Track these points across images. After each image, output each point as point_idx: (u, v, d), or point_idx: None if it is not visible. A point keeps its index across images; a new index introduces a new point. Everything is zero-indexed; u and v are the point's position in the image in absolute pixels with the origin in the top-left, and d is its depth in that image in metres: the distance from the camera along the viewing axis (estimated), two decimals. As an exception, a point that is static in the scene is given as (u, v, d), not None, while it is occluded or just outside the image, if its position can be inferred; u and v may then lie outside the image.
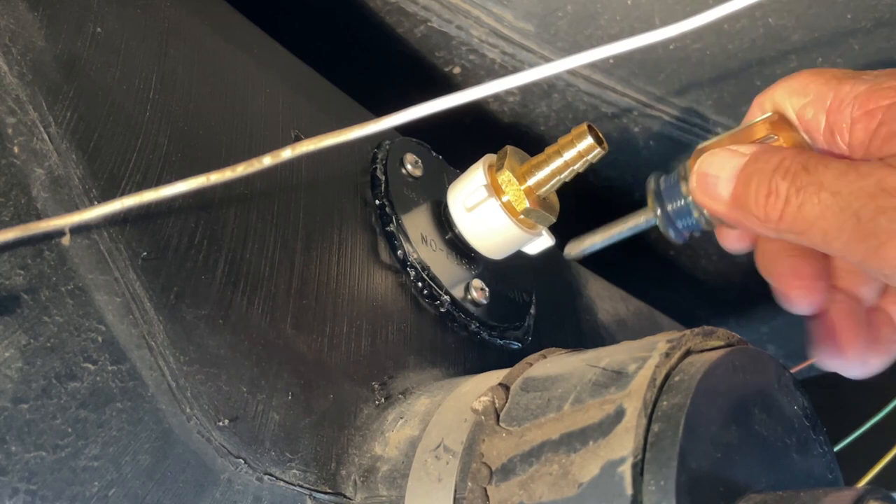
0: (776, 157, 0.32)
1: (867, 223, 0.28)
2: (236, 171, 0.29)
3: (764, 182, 0.31)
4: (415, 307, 0.43)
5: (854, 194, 0.28)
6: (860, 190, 0.28)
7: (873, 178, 0.28)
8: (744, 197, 0.32)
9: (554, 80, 0.58)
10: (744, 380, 0.30)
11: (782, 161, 0.31)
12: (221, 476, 0.32)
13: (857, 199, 0.28)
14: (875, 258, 0.28)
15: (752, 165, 0.32)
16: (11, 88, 0.31)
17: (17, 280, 0.28)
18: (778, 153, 0.32)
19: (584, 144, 0.40)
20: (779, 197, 0.31)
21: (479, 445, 0.32)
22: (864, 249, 0.28)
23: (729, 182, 0.33)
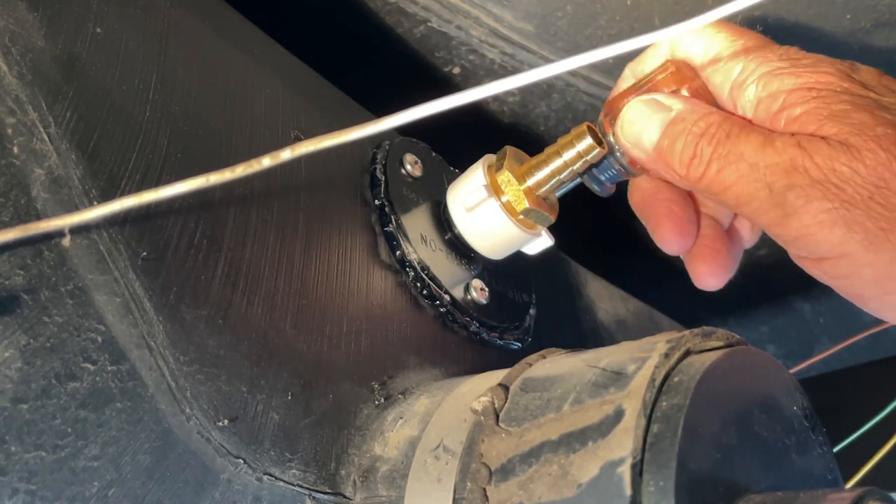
0: (704, 121, 0.34)
1: (777, 195, 0.31)
2: (236, 171, 0.29)
3: (690, 145, 0.34)
4: (414, 307, 0.43)
5: (769, 168, 0.31)
6: (775, 165, 0.31)
7: (787, 156, 0.31)
8: (669, 154, 0.35)
9: (554, 80, 0.58)
10: (743, 380, 0.30)
11: (709, 127, 0.33)
12: (221, 476, 0.32)
13: (772, 174, 0.31)
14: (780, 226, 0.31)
15: (680, 125, 0.34)
16: (11, 88, 0.31)
17: (17, 280, 0.28)
18: (705, 117, 0.34)
19: (584, 145, 0.40)
20: (702, 161, 0.33)
21: (478, 446, 0.32)
22: (772, 217, 0.31)
23: (654, 134, 0.35)
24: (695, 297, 0.82)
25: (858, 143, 0.30)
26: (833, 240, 0.30)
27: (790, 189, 0.31)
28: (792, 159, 0.31)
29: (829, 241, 0.30)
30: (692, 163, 0.34)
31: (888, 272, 0.30)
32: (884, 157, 0.30)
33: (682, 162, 0.34)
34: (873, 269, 0.30)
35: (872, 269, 0.30)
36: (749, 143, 0.32)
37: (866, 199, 0.30)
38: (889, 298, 0.31)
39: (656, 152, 0.35)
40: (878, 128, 0.30)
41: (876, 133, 0.30)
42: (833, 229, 0.30)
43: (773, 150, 0.31)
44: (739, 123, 0.33)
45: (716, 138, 0.33)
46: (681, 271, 0.41)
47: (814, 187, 0.30)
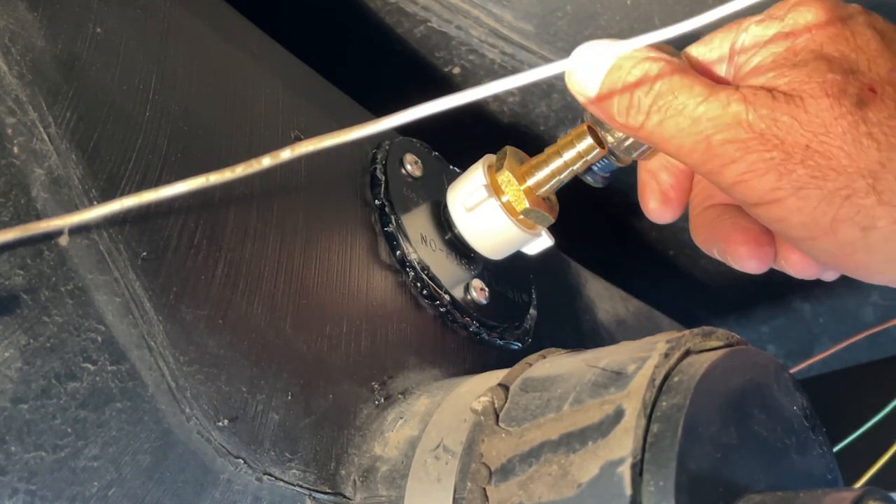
0: (639, 68, 0.33)
1: (716, 147, 0.32)
2: (236, 171, 0.29)
3: (626, 95, 0.34)
4: (414, 307, 0.43)
5: (711, 122, 0.32)
6: (717, 119, 0.31)
7: (730, 111, 0.31)
8: (607, 104, 0.35)
9: (554, 80, 0.58)
10: (743, 380, 0.30)
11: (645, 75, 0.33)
12: (221, 476, 0.32)
13: (713, 128, 0.31)
14: (717, 174, 0.32)
15: (617, 73, 0.34)
16: (11, 88, 0.31)
17: (17, 280, 0.28)
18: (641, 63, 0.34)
19: (584, 145, 0.40)
20: (640, 111, 0.33)
21: (478, 446, 0.32)
22: (710, 167, 0.32)
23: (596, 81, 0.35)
24: (695, 297, 0.83)
25: (804, 91, 0.31)
26: (765, 186, 0.31)
27: (730, 142, 0.31)
28: (735, 114, 0.31)
29: (762, 188, 0.31)
30: (629, 112, 0.34)
31: (815, 218, 0.31)
32: (826, 103, 0.30)
33: (620, 111, 0.34)
34: (801, 214, 0.31)
35: (801, 214, 0.31)
36: (692, 97, 0.32)
37: (804, 148, 0.30)
38: (817, 243, 0.32)
39: (597, 99, 0.35)
40: (829, 74, 0.31)
41: (824, 79, 0.31)
42: (766, 176, 0.31)
43: (718, 103, 0.32)
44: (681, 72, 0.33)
45: (653, 90, 0.33)
46: (681, 271, 0.41)
47: (754, 139, 0.31)
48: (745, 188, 0.32)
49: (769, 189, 0.31)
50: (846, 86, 0.30)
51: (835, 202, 0.30)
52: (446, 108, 0.28)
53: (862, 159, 0.30)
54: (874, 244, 0.31)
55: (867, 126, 0.30)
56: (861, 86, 0.31)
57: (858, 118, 0.30)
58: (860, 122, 0.30)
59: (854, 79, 0.31)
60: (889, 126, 0.30)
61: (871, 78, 0.31)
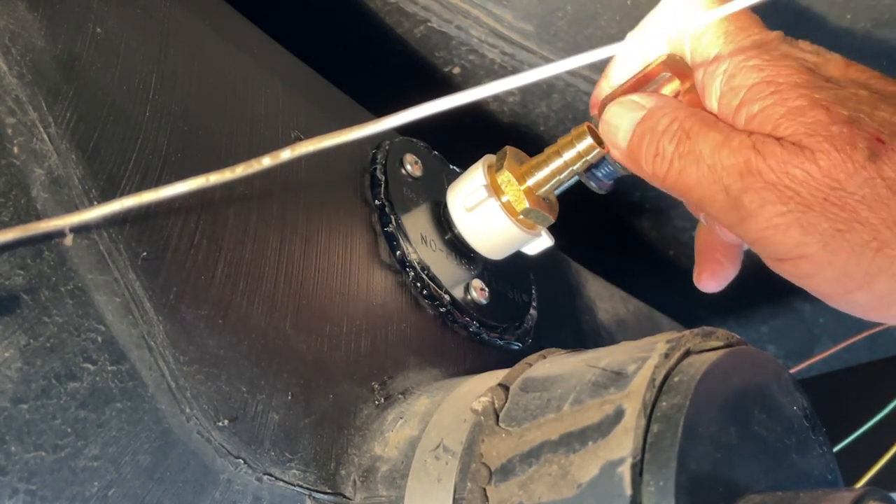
0: (667, 117, 0.34)
1: (733, 199, 0.31)
2: (236, 171, 0.29)
3: (653, 143, 0.34)
4: (415, 307, 0.43)
5: (726, 170, 0.31)
6: (731, 167, 0.31)
7: (742, 158, 0.31)
8: (637, 153, 0.35)
9: (554, 80, 0.58)
10: (743, 380, 0.30)
11: (671, 124, 0.34)
12: (221, 476, 0.32)
13: (728, 176, 0.31)
14: (739, 228, 0.32)
15: (646, 123, 0.35)
16: (11, 88, 0.31)
17: (17, 280, 0.28)
18: (669, 113, 0.34)
19: (584, 145, 0.40)
20: (664, 159, 0.33)
21: (478, 446, 0.32)
22: (731, 219, 0.32)
23: (627, 134, 0.36)
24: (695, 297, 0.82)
25: (812, 144, 0.30)
26: (790, 242, 0.30)
27: (745, 192, 0.31)
28: (746, 162, 0.31)
29: (786, 244, 0.31)
30: (655, 160, 0.34)
31: (847, 271, 0.30)
32: (837, 158, 0.30)
33: (647, 161, 0.34)
34: (833, 269, 0.30)
35: (832, 269, 0.30)
36: (708, 143, 0.32)
37: (821, 201, 0.30)
38: (852, 297, 0.31)
39: (628, 151, 0.36)
40: (833, 126, 0.30)
41: (830, 133, 0.30)
42: (788, 232, 0.30)
43: (730, 150, 0.31)
44: (702, 120, 0.33)
45: (677, 136, 0.33)
46: (681, 271, 0.42)
47: (767, 190, 0.30)
48: (769, 244, 0.31)
49: (794, 244, 0.30)
50: (854, 139, 0.30)
51: (867, 255, 0.30)
52: (446, 108, 0.28)
53: (885, 212, 0.29)
54: None
55: (884, 180, 0.29)
56: (869, 137, 0.30)
57: (873, 173, 0.29)
58: (876, 177, 0.29)
59: (859, 130, 0.30)
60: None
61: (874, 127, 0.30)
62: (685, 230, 0.73)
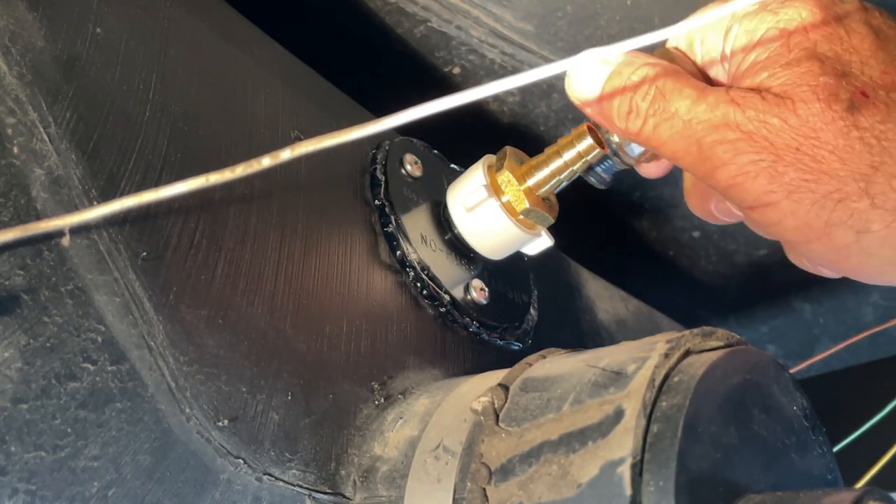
0: (637, 74, 0.34)
1: (706, 150, 0.32)
2: (235, 171, 0.29)
3: (625, 100, 0.34)
4: (414, 307, 0.43)
5: (701, 124, 0.32)
6: (707, 121, 0.32)
7: (719, 112, 0.32)
8: (608, 109, 0.35)
9: (554, 80, 0.58)
10: (743, 380, 0.30)
11: (643, 80, 0.34)
12: (221, 476, 0.32)
13: (703, 129, 0.32)
14: (711, 177, 0.32)
15: (616, 79, 0.35)
16: (11, 88, 0.31)
17: (17, 280, 0.28)
18: (639, 69, 0.34)
19: (584, 145, 0.40)
20: (638, 116, 0.34)
21: (478, 446, 0.32)
22: (704, 169, 0.32)
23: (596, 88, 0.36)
24: (695, 297, 0.83)
25: (795, 94, 0.31)
26: (758, 189, 0.31)
27: (720, 143, 0.31)
28: (724, 115, 0.31)
29: (755, 191, 0.31)
30: (629, 117, 0.34)
31: (808, 221, 0.31)
32: (817, 108, 0.30)
33: (620, 116, 0.35)
34: (795, 218, 0.31)
35: (794, 217, 0.31)
36: (683, 100, 0.33)
37: (794, 150, 0.30)
38: (811, 246, 0.32)
39: (598, 106, 0.36)
40: (821, 77, 0.31)
41: (817, 82, 0.30)
42: (757, 179, 0.31)
43: (706, 105, 0.32)
44: (674, 76, 0.33)
45: (649, 95, 0.33)
46: (681, 271, 0.41)
47: (743, 140, 0.31)
48: (738, 191, 0.32)
49: (762, 192, 0.31)
50: (838, 90, 0.30)
51: (827, 206, 0.30)
52: (446, 108, 0.28)
53: (854, 163, 0.30)
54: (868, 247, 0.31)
55: (858, 131, 0.30)
56: (853, 90, 0.30)
57: (850, 123, 0.30)
58: (851, 127, 0.30)
59: (846, 82, 0.31)
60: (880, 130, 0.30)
61: (863, 81, 0.31)
62: (685, 230, 0.73)
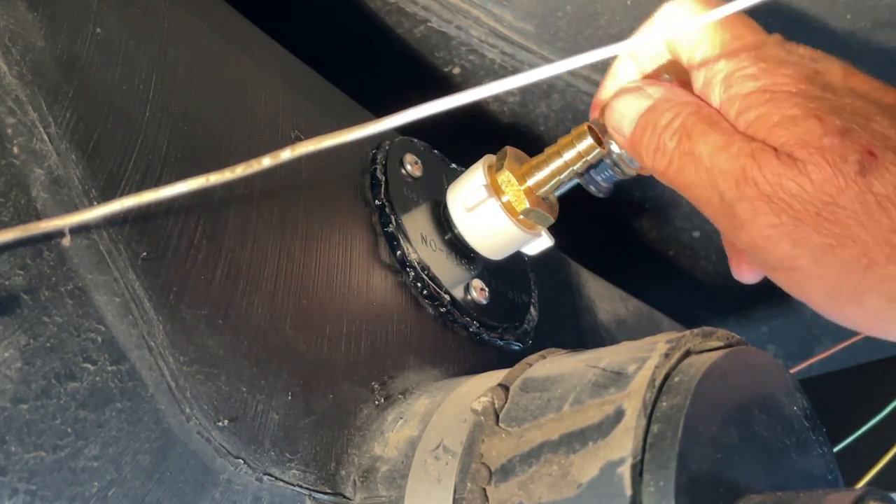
0: (671, 112, 0.34)
1: (727, 206, 0.31)
2: (236, 171, 0.29)
3: (654, 137, 0.34)
4: (415, 307, 0.43)
5: (722, 175, 0.31)
6: (728, 173, 0.31)
7: (739, 165, 0.31)
8: (639, 144, 0.35)
9: (554, 80, 0.58)
10: (743, 380, 0.30)
11: (673, 119, 0.33)
12: (221, 476, 0.32)
13: (724, 182, 0.31)
14: (733, 233, 0.32)
15: (650, 115, 0.34)
16: (11, 88, 0.31)
17: (17, 280, 0.28)
18: (673, 108, 0.34)
19: (584, 145, 0.40)
20: (665, 155, 0.33)
21: (478, 446, 0.32)
22: (725, 225, 0.32)
23: (632, 123, 0.35)
24: (695, 297, 0.82)
25: (804, 156, 0.30)
26: (781, 254, 0.30)
27: (739, 201, 0.31)
28: (743, 169, 0.30)
29: (777, 256, 0.30)
30: (656, 155, 0.34)
31: (837, 287, 0.30)
32: (829, 173, 0.29)
33: (648, 153, 0.34)
34: (823, 283, 0.30)
35: (822, 283, 0.30)
36: (708, 145, 0.32)
37: (814, 215, 0.29)
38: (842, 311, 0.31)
39: (630, 140, 0.35)
40: (825, 137, 0.30)
41: (822, 144, 0.29)
42: (780, 244, 0.30)
43: (728, 156, 0.31)
44: (706, 119, 0.33)
45: (678, 134, 0.33)
46: (681, 271, 0.41)
47: (761, 201, 0.30)
48: (762, 253, 0.31)
49: (785, 256, 0.30)
50: (845, 152, 0.29)
51: (856, 272, 0.29)
52: (446, 108, 0.28)
53: (875, 228, 0.29)
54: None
55: (875, 196, 0.29)
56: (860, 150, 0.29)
57: (864, 188, 0.29)
58: (867, 192, 0.29)
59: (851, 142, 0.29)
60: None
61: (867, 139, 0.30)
62: (685, 230, 0.73)
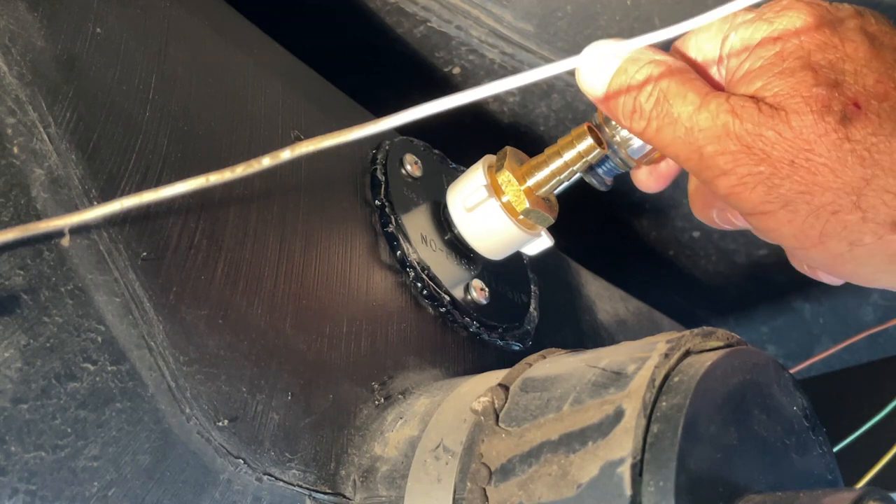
0: (642, 72, 0.34)
1: (708, 159, 0.32)
2: (235, 171, 0.29)
3: (629, 100, 0.35)
4: (415, 307, 0.43)
5: (703, 133, 0.32)
6: (708, 130, 0.32)
7: (720, 122, 0.32)
8: (614, 107, 0.35)
9: (554, 80, 0.58)
10: (743, 380, 0.30)
11: (647, 79, 0.34)
12: (221, 476, 0.32)
13: (704, 138, 0.32)
14: (711, 184, 0.33)
15: (622, 76, 0.35)
16: (11, 88, 0.31)
17: (17, 280, 0.28)
18: (644, 67, 0.34)
19: (584, 145, 0.40)
20: (642, 116, 0.34)
21: (478, 446, 0.32)
22: (705, 176, 0.33)
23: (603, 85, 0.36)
24: (695, 297, 0.83)
25: (790, 105, 0.31)
26: (755, 199, 0.32)
27: (721, 154, 0.32)
28: (724, 125, 0.32)
29: (753, 200, 0.32)
30: (633, 116, 0.35)
31: (804, 230, 0.32)
32: (810, 120, 0.30)
33: (625, 114, 0.35)
34: (791, 226, 0.32)
35: (791, 226, 0.32)
36: (685, 105, 0.33)
37: (789, 163, 0.31)
38: (808, 253, 0.33)
39: (605, 102, 0.36)
40: (815, 88, 0.31)
41: (810, 94, 0.31)
42: (755, 189, 0.32)
43: (708, 114, 0.32)
44: (679, 78, 0.34)
45: (653, 96, 0.34)
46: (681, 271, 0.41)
47: (742, 152, 0.31)
48: (737, 199, 0.32)
49: (759, 202, 0.32)
50: (830, 101, 0.31)
51: (822, 217, 0.31)
52: (446, 108, 0.28)
53: (846, 176, 0.30)
54: (861, 257, 0.32)
55: (851, 143, 0.30)
56: (845, 101, 0.31)
57: (842, 135, 0.30)
58: (844, 140, 0.30)
59: (839, 93, 0.31)
60: (872, 142, 0.30)
61: (855, 91, 0.31)
62: (685, 230, 0.73)
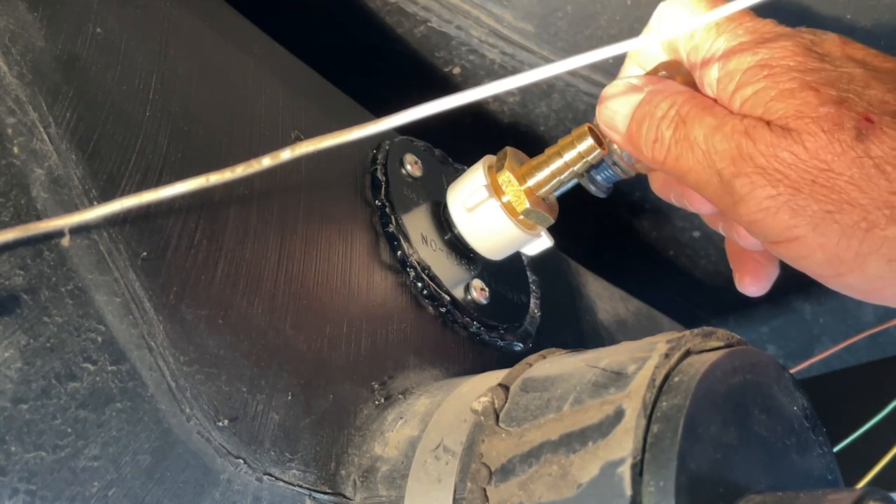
0: (665, 102, 0.34)
1: (726, 183, 0.31)
2: (236, 171, 0.29)
3: (652, 129, 0.34)
4: (415, 307, 0.43)
5: (718, 155, 0.32)
6: (723, 152, 0.31)
7: (734, 143, 0.31)
8: (636, 138, 0.35)
9: (554, 80, 0.58)
10: (743, 380, 0.30)
11: (669, 109, 0.34)
12: (221, 476, 0.32)
13: (721, 161, 0.31)
14: (733, 211, 0.32)
15: (645, 107, 0.35)
16: (11, 88, 0.31)
17: (17, 280, 0.28)
18: (667, 98, 0.34)
19: (585, 145, 0.40)
20: (663, 145, 0.34)
21: (478, 446, 0.32)
22: (725, 203, 0.32)
23: (626, 118, 0.36)
24: (695, 297, 0.82)
25: (799, 126, 0.30)
26: (780, 225, 0.30)
27: (736, 177, 0.31)
28: (738, 146, 0.31)
29: (777, 227, 0.31)
30: (655, 146, 0.34)
31: (838, 254, 0.30)
32: (824, 140, 0.30)
33: (647, 145, 0.34)
34: (824, 251, 0.30)
35: (823, 251, 0.30)
36: (702, 128, 0.32)
37: (810, 183, 0.30)
38: (844, 279, 0.31)
39: (627, 135, 0.36)
40: (821, 107, 0.30)
41: (818, 114, 0.30)
42: (778, 215, 0.30)
43: (723, 135, 0.32)
44: (698, 105, 0.33)
45: (674, 122, 0.33)
46: (681, 271, 0.41)
47: (758, 174, 0.30)
48: (761, 227, 0.31)
49: (785, 227, 0.30)
50: (841, 119, 0.30)
51: (856, 235, 0.29)
52: (446, 108, 0.28)
53: (874, 192, 0.29)
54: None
55: (872, 159, 0.29)
56: (856, 116, 0.30)
57: (861, 152, 0.29)
58: (864, 157, 0.29)
59: (847, 109, 0.30)
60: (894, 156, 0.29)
61: (864, 107, 0.30)
62: (685, 230, 0.73)
